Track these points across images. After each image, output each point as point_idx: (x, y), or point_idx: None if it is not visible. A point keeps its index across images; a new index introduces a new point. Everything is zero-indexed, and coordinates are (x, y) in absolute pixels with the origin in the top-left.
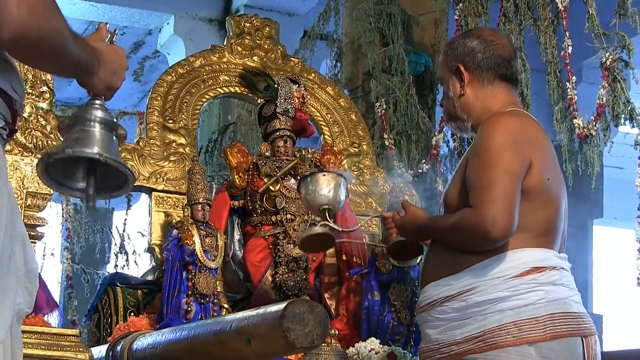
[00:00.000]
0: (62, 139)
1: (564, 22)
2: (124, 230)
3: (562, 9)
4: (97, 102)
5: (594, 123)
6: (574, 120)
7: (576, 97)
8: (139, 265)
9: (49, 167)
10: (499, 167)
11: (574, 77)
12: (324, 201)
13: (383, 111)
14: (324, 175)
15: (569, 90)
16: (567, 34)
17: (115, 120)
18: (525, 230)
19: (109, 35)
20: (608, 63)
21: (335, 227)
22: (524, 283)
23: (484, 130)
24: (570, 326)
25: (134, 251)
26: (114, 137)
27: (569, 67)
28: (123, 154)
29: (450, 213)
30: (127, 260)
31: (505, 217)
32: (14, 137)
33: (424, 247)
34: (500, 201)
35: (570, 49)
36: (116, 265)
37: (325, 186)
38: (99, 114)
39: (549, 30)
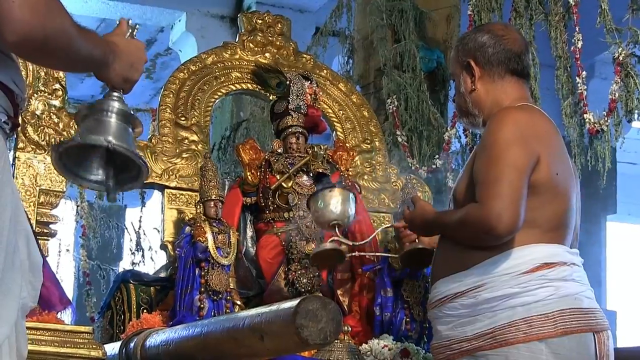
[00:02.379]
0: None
1: (575, 17)
2: (139, 227)
3: (574, 3)
4: (115, 94)
5: (606, 118)
6: (585, 116)
7: (586, 92)
8: (155, 262)
9: (63, 157)
10: (506, 161)
11: (584, 72)
12: (332, 217)
13: (395, 108)
14: (331, 190)
15: (579, 85)
16: (577, 29)
17: (132, 112)
18: (534, 226)
19: (130, 30)
20: (621, 58)
21: (346, 241)
22: (534, 279)
23: (492, 125)
24: (581, 322)
25: (150, 247)
26: (130, 129)
27: (579, 62)
28: None
29: (458, 208)
30: (142, 256)
31: (510, 212)
32: (27, 134)
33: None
34: (506, 196)
35: (580, 44)
36: (134, 263)
37: (334, 202)
38: (115, 104)
39: (560, 25)
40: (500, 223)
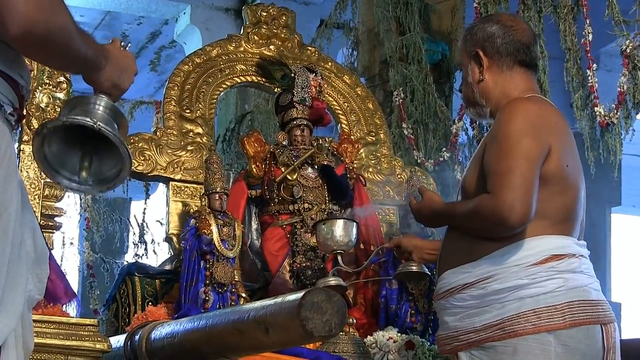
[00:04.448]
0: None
1: (584, 10)
2: (142, 220)
3: None
4: (103, 95)
5: (615, 111)
6: (595, 108)
7: (597, 85)
8: (158, 254)
9: (44, 146)
10: (518, 153)
11: (594, 65)
12: (335, 247)
13: (401, 100)
14: (336, 221)
15: (589, 78)
16: (588, 21)
17: (121, 111)
18: (544, 217)
19: (122, 47)
20: (628, 51)
21: (346, 268)
22: (543, 271)
23: (503, 116)
24: (590, 314)
25: (153, 240)
26: (115, 124)
27: (589, 55)
28: (140, 144)
29: (467, 199)
30: (146, 249)
31: (523, 204)
32: (31, 127)
33: (428, 274)
34: (518, 187)
35: (590, 37)
36: (137, 255)
37: (338, 232)
38: (104, 99)
39: (569, 18)
40: (512, 214)
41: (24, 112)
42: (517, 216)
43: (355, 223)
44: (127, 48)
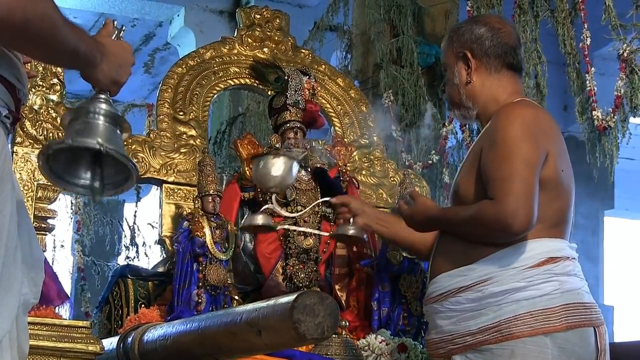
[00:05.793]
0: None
1: (582, 14)
2: (134, 223)
3: (580, 0)
4: (102, 96)
5: (612, 115)
6: (593, 112)
7: (595, 89)
8: (149, 257)
9: (49, 160)
10: (517, 158)
11: (592, 69)
12: (271, 184)
13: (390, 103)
14: (275, 156)
15: (587, 82)
16: (586, 26)
17: (120, 115)
18: (540, 221)
19: (116, 31)
20: (625, 55)
21: (279, 211)
22: (540, 273)
23: (500, 121)
24: (584, 316)
25: (144, 243)
26: (118, 132)
27: (587, 59)
28: (134, 146)
29: (462, 204)
30: (137, 252)
31: (526, 210)
32: (24, 129)
33: (365, 240)
34: (520, 193)
35: (588, 41)
36: (128, 258)
37: (276, 168)
38: (103, 106)
39: (567, 22)
40: (516, 220)
41: (20, 115)
42: (521, 222)
43: (295, 162)
44: (122, 33)
